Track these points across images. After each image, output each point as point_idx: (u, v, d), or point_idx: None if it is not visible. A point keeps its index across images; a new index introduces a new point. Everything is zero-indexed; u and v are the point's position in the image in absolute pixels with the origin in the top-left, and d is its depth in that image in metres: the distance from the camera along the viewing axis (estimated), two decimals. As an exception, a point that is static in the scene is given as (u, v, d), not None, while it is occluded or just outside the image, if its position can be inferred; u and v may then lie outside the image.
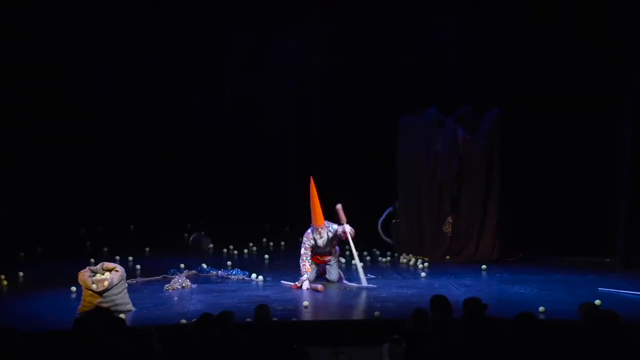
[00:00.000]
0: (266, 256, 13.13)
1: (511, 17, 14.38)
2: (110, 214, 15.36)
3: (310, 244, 11.03)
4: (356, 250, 11.14)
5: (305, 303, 9.75)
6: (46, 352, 6.19)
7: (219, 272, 11.74)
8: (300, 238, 11.36)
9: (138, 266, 12.10)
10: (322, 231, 10.97)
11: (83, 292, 9.47)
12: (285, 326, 8.50)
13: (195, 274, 11.68)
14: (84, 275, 9.50)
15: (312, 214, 11.00)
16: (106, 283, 9.36)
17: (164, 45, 15.71)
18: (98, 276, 9.47)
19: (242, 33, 15.83)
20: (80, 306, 9.32)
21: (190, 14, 15.68)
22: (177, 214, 15.44)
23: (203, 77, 15.94)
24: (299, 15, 15.76)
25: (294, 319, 9.16)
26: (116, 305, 9.37)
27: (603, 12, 12.80)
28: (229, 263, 12.37)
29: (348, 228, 11.00)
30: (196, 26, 15.70)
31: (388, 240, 13.53)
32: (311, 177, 10.99)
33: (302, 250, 11.03)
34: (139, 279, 11.38)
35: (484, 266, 12.09)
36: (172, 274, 11.45)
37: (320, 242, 11.00)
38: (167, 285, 10.80)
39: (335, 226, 11.09)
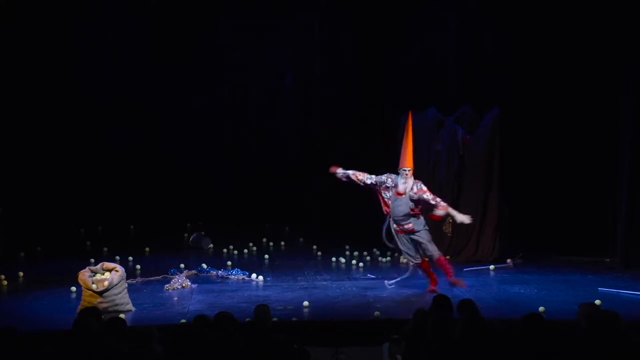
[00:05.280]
0: (266, 256, 13.13)
1: (511, 17, 14.38)
2: (110, 214, 15.36)
3: (381, 181, 10.16)
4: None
5: (305, 303, 9.74)
6: (46, 352, 6.18)
7: (219, 272, 11.74)
8: None
9: (138, 266, 12.11)
10: (408, 177, 10.03)
11: (83, 292, 9.49)
12: (285, 326, 8.49)
13: (195, 274, 11.68)
14: (84, 275, 9.51)
15: (402, 154, 10.10)
16: (106, 283, 9.36)
17: (163, 45, 15.73)
18: (98, 276, 9.48)
19: (241, 32, 15.83)
20: (80, 306, 9.32)
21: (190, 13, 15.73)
22: (177, 214, 15.43)
23: (203, 76, 15.94)
24: (299, 15, 15.77)
25: (294, 319, 9.16)
26: (116, 305, 9.38)
27: (602, 11, 12.80)
28: (229, 263, 12.37)
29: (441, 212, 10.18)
30: (195, 25, 15.74)
31: (393, 246, 13.43)
32: (410, 111, 10.33)
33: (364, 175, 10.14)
34: (139, 279, 11.38)
35: (492, 266, 12.06)
36: (172, 274, 11.45)
37: (402, 188, 10.08)
38: (167, 285, 10.81)
39: (423, 186, 10.12)
